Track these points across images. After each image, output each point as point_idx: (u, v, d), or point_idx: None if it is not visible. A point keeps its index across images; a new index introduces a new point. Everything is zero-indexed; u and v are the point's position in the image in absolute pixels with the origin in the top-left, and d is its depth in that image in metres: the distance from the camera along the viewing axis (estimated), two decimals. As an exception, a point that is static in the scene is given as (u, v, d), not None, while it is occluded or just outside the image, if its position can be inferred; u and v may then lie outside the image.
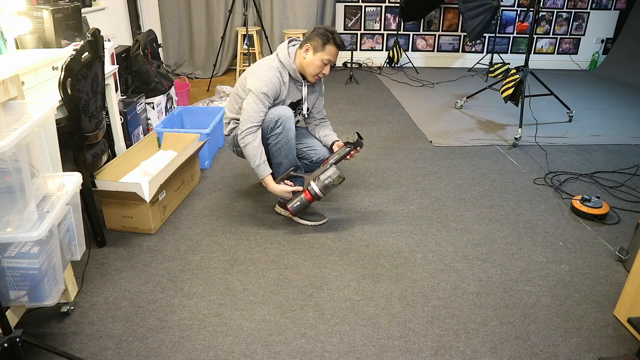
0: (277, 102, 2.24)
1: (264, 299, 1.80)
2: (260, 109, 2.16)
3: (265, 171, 2.20)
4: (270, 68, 2.20)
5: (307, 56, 2.21)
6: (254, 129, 2.16)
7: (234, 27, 5.23)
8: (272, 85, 2.17)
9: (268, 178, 2.21)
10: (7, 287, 1.38)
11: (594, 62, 5.97)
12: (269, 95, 2.16)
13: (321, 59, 2.20)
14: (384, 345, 1.59)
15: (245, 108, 2.18)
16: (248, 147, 2.16)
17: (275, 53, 2.29)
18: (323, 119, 2.50)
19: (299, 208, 2.21)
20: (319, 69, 2.23)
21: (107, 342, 1.58)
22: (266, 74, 2.17)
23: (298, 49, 2.26)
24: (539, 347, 1.59)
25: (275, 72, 2.20)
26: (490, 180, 2.84)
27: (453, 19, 5.75)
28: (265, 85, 2.15)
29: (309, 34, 2.25)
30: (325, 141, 2.44)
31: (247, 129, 2.16)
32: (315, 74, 2.24)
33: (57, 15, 2.50)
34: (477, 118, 3.99)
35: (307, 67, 2.23)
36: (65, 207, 1.47)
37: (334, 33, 2.21)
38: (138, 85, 3.35)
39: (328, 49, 2.19)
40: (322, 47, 2.19)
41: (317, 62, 2.21)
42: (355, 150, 2.28)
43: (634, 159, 3.19)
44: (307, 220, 2.34)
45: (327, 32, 2.20)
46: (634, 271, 1.65)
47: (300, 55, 2.23)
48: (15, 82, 1.44)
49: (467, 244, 2.18)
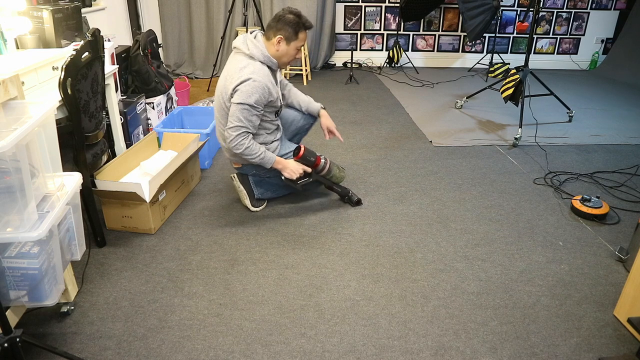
0: (272, 103, 2.22)
1: (264, 299, 1.80)
2: (253, 115, 2.13)
3: (271, 158, 2.22)
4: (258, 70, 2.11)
5: (281, 48, 2.17)
6: (246, 134, 2.13)
7: (234, 27, 5.23)
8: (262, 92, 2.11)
9: (278, 160, 2.23)
10: (7, 287, 1.38)
11: (594, 62, 5.97)
12: (260, 103, 2.13)
13: (295, 47, 2.19)
14: (384, 345, 1.59)
15: (236, 113, 2.10)
16: (247, 150, 2.14)
17: (245, 55, 2.16)
18: (287, 84, 2.49)
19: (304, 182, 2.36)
20: (293, 57, 2.23)
21: (107, 342, 1.58)
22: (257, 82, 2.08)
23: (265, 41, 2.19)
24: (539, 347, 1.59)
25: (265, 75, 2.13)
26: (490, 180, 2.84)
27: (453, 19, 5.75)
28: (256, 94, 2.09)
29: (275, 23, 2.16)
30: (309, 110, 2.50)
31: (240, 134, 2.11)
32: (290, 62, 2.25)
33: (57, 15, 2.50)
34: (477, 118, 3.99)
35: (282, 58, 2.21)
36: (65, 207, 1.47)
37: (301, 16, 2.17)
38: (138, 85, 3.35)
39: (301, 37, 2.18)
40: (295, 35, 2.16)
41: (292, 52, 2.20)
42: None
43: (634, 159, 3.19)
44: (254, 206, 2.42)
45: (296, 18, 2.14)
46: (634, 271, 1.65)
47: (271, 47, 2.17)
48: (15, 82, 1.44)
49: (467, 244, 2.18)
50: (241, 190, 2.40)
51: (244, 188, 2.40)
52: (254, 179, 2.43)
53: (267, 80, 2.14)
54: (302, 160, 2.32)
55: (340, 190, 2.49)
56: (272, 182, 2.45)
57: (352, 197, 2.49)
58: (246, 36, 2.20)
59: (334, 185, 2.48)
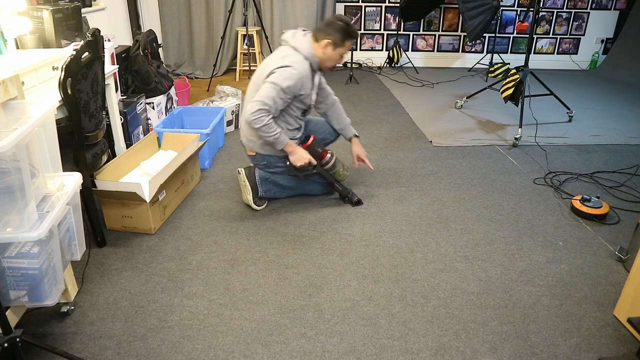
0: (302, 98, 2.27)
1: (264, 299, 1.80)
2: (280, 98, 2.17)
3: (285, 140, 2.26)
4: (301, 65, 2.19)
5: (327, 51, 2.25)
6: (267, 112, 2.16)
7: (234, 27, 5.23)
8: (296, 83, 2.18)
9: (290, 144, 2.27)
10: (7, 287, 1.38)
11: (594, 62, 5.97)
12: (289, 91, 2.18)
13: (340, 53, 2.27)
14: (384, 345, 1.59)
15: (266, 91, 2.15)
16: (265, 127, 2.17)
17: (291, 47, 2.25)
18: (331, 94, 2.52)
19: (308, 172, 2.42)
20: (336, 63, 2.30)
21: (107, 342, 1.58)
22: (295, 71, 2.17)
23: (313, 42, 2.26)
24: (539, 347, 1.59)
25: (305, 71, 2.21)
26: (490, 180, 2.84)
27: (453, 19, 5.75)
28: (290, 81, 2.16)
29: (325, 27, 2.23)
30: (343, 132, 2.55)
31: (261, 109, 2.14)
32: (332, 66, 2.32)
33: (57, 15, 2.50)
34: (477, 118, 3.99)
35: (326, 62, 2.29)
36: (65, 207, 1.47)
37: (350, 25, 2.24)
38: (138, 85, 3.35)
39: (347, 44, 2.26)
40: (342, 42, 2.24)
41: (336, 57, 2.28)
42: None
43: (634, 159, 3.19)
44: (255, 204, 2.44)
45: (345, 26, 2.22)
46: (634, 271, 1.65)
47: (318, 49, 2.25)
48: (15, 82, 1.44)
49: (467, 244, 2.18)
50: (246, 186, 2.41)
51: (249, 183, 2.41)
52: (260, 176, 2.44)
53: (305, 74, 2.22)
54: (310, 149, 2.37)
55: (341, 189, 2.49)
56: (277, 180, 2.45)
57: (352, 198, 2.49)
58: (296, 31, 2.30)
59: (335, 183, 2.49)
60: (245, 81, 5.12)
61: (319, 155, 2.41)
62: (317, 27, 2.28)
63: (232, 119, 3.61)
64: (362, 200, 2.52)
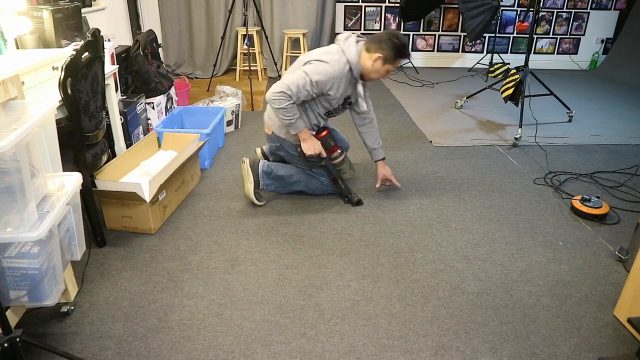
0: (329, 98, 2.28)
1: (264, 299, 1.80)
2: (305, 89, 2.19)
3: (301, 125, 2.28)
4: (339, 66, 2.21)
5: (376, 64, 2.24)
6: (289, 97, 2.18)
7: (234, 27, 5.23)
8: (327, 81, 2.21)
9: (305, 130, 2.30)
10: (7, 287, 1.38)
11: (594, 62, 5.97)
12: (317, 86, 2.21)
13: (387, 69, 2.27)
14: (384, 345, 1.59)
15: (295, 78, 2.18)
16: (283, 110, 2.20)
17: (340, 48, 2.27)
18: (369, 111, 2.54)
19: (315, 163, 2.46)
20: (381, 77, 2.31)
21: (107, 342, 1.58)
22: (330, 70, 2.19)
23: (364, 51, 2.26)
24: (539, 347, 1.59)
25: (340, 74, 2.22)
26: (490, 180, 2.84)
27: (453, 19, 5.75)
28: (321, 76, 2.19)
29: (380, 41, 2.22)
30: (371, 153, 2.60)
31: (284, 93, 2.16)
32: (374, 79, 2.33)
33: (57, 15, 2.50)
34: (477, 118, 3.99)
35: (372, 74, 2.29)
36: (65, 207, 1.47)
37: (406, 46, 2.24)
38: (138, 85, 3.35)
39: (396, 63, 2.27)
40: (393, 60, 2.24)
41: (382, 72, 2.28)
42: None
43: (634, 159, 3.19)
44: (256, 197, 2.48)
45: (400, 45, 2.22)
46: (634, 271, 1.65)
47: (367, 60, 2.25)
48: (15, 82, 1.44)
49: (467, 244, 2.18)
50: (248, 176, 2.44)
51: (252, 174, 2.44)
52: (264, 169, 2.47)
53: (339, 76, 2.23)
54: (323, 140, 2.40)
55: (343, 187, 2.50)
56: (281, 173, 2.48)
57: (352, 198, 2.49)
58: (350, 35, 2.30)
59: (339, 179, 2.51)
60: (245, 81, 5.12)
61: (331, 148, 2.44)
62: (372, 38, 2.27)
63: (232, 119, 3.61)
64: (363, 201, 2.52)
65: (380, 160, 2.60)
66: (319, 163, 2.47)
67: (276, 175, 2.48)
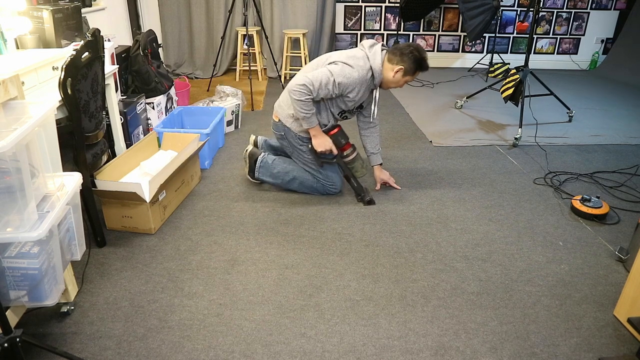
0: (347, 100, 2.34)
1: (264, 299, 1.80)
2: (327, 87, 2.25)
3: (314, 122, 2.33)
4: (363, 72, 2.28)
5: (397, 75, 2.32)
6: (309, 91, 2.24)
7: (234, 27, 5.23)
8: (349, 84, 2.27)
9: (316, 127, 2.36)
10: (7, 287, 1.38)
11: (594, 62, 5.97)
12: (338, 87, 2.26)
13: (406, 80, 2.35)
14: (384, 345, 1.59)
15: (319, 75, 2.23)
16: (300, 103, 2.25)
17: (365, 54, 2.32)
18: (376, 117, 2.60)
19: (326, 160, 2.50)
20: (398, 86, 2.39)
21: (107, 342, 1.58)
22: (355, 74, 2.26)
23: (386, 61, 2.32)
24: (539, 347, 1.59)
25: (362, 79, 2.29)
26: (490, 180, 2.84)
27: (453, 19, 5.75)
28: (345, 79, 2.25)
29: (403, 53, 2.29)
30: (370, 157, 2.66)
31: (305, 86, 2.22)
32: (391, 88, 2.41)
33: (57, 15, 2.50)
34: (477, 118, 3.99)
35: (390, 83, 2.37)
36: (65, 207, 1.47)
37: (425, 60, 2.31)
38: (138, 85, 3.35)
39: (416, 74, 2.34)
40: (413, 72, 2.32)
41: (401, 82, 2.36)
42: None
43: (634, 159, 3.19)
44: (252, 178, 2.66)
45: (421, 58, 2.29)
46: (634, 271, 1.65)
47: (389, 70, 2.32)
48: (15, 82, 1.44)
49: (467, 244, 2.18)
50: (246, 161, 2.65)
51: (249, 161, 2.63)
52: (261, 162, 2.59)
53: (361, 81, 2.30)
54: (333, 138, 2.44)
55: (356, 185, 2.53)
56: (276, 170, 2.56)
57: (364, 197, 2.51)
58: (376, 43, 2.37)
59: (351, 178, 2.53)
60: (245, 81, 5.12)
61: (342, 147, 2.46)
62: (394, 49, 2.33)
63: (232, 119, 3.61)
64: (375, 201, 2.53)
65: (377, 165, 2.67)
66: (331, 161, 2.49)
67: (271, 172, 2.57)
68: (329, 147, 2.41)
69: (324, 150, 2.41)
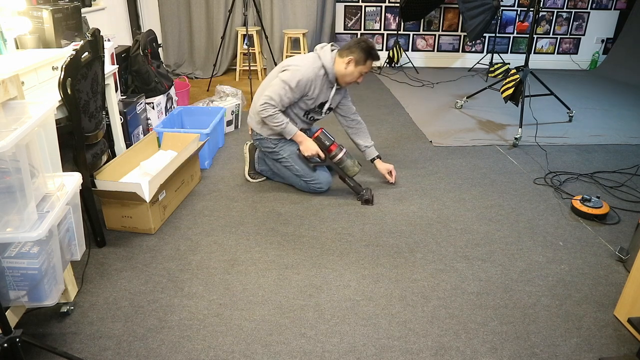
0: (306, 99, 2.43)
1: (264, 299, 1.80)
2: (287, 96, 2.36)
3: (292, 130, 2.43)
4: (312, 69, 2.38)
5: (349, 68, 2.40)
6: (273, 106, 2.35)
7: (234, 27, 5.23)
8: (305, 82, 2.36)
9: (298, 134, 2.45)
10: (7, 287, 1.38)
11: (594, 62, 5.97)
12: (297, 89, 2.36)
13: (360, 71, 2.43)
14: (384, 345, 1.59)
15: (275, 88, 2.35)
16: (270, 118, 2.38)
17: (316, 54, 2.45)
18: (355, 114, 2.69)
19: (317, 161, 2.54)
20: (355, 79, 2.45)
21: (107, 342, 1.58)
22: (306, 73, 2.36)
23: (337, 57, 2.42)
24: (539, 347, 1.59)
25: (314, 75, 2.38)
26: (490, 180, 2.84)
27: (453, 19, 5.75)
28: (297, 79, 2.34)
29: (350, 46, 2.40)
30: (366, 153, 2.71)
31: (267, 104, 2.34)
32: (350, 83, 2.47)
33: (57, 15, 2.50)
34: (477, 118, 3.99)
35: (345, 77, 2.44)
36: (65, 207, 1.47)
37: (373, 48, 2.41)
38: (138, 85, 3.35)
39: (367, 64, 2.43)
40: (364, 62, 2.41)
41: (356, 74, 2.43)
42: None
43: (634, 159, 3.19)
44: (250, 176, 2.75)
45: (369, 47, 2.39)
46: (634, 271, 1.65)
47: (341, 64, 2.41)
48: (15, 82, 1.44)
49: (467, 244, 2.18)
50: (246, 158, 2.74)
51: (249, 156, 2.73)
52: (259, 155, 2.71)
53: (313, 78, 2.39)
54: (317, 141, 2.49)
55: (352, 184, 2.54)
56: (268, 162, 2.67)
57: (362, 196, 2.51)
58: (326, 45, 2.50)
59: (346, 178, 2.54)
60: (245, 81, 5.12)
61: (327, 148, 2.50)
62: (343, 45, 2.45)
63: (232, 119, 3.61)
64: (373, 202, 2.53)
65: (376, 158, 2.70)
66: (320, 163, 2.53)
67: (267, 163, 2.68)
68: (315, 150, 2.48)
69: (311, 155, 2.48)
